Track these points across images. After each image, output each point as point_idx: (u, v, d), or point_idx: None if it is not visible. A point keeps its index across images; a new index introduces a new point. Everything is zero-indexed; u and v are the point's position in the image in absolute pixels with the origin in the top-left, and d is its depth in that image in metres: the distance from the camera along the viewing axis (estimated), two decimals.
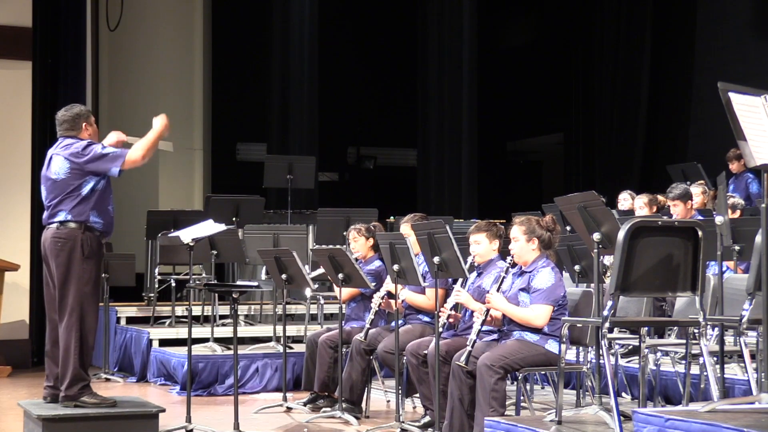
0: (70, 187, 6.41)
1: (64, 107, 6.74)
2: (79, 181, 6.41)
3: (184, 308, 10.73)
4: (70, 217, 6.41)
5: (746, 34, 13.77)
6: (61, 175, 6.44)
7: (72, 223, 6.40)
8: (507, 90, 18.01)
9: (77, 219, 6.40)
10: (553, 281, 6.11)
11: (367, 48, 17.98)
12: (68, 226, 6.41)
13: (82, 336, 6.36)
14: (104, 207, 6.51)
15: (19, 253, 10.94)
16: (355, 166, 18.66)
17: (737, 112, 4.36)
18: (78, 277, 6.37)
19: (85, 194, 6.41)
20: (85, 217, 6.41)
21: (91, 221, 6.43)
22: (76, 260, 6.38)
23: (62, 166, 6.45)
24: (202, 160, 15.60)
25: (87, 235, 6.41)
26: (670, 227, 5.22)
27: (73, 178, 6.42)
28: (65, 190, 6.42)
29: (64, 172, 6.44)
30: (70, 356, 6.34)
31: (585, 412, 5.65)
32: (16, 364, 10.80)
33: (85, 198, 6.41)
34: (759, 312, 4.61)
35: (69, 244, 6.38)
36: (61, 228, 6.42)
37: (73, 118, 6.60)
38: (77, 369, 6.35)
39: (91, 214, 6.43)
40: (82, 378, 6.40)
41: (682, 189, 8.93)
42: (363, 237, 8.18)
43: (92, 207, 6.43)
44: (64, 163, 6.45)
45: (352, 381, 7.62)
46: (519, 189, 18.74)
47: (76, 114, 6.62)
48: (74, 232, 6.39)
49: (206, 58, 15.80)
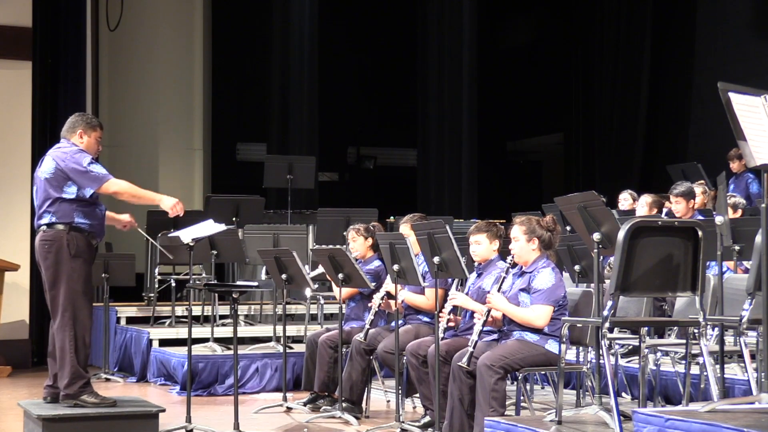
0: (54, 189, 6.44)
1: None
2: (62, 183, 6.43)
3: (184, 308, 10.74)
4: (55, 219, 6.44)
5: (746, 34, 13.77)
6: (46, 174, 6.49)
7: (58, 225, 6.43)
8: (507, 90, 18.00)
9: (62, 220, 6.43)
10: (554, 281, 6.11)
11: (367, 48, 17.98)
12: (54, 228, 6.44)
13: (76, 334, 6.39)
14: (91, 209, 6.52)
15: (19, 253, 10.94)
16: (355, 166, 18.66)
17: (737, 112, 4.36)
18: (67, 276, 6.40)
19: (69, 198, 6.43)
20: (70, 218, 6.43)
21: (77, 222, 6.45)
22: (63, 260, 6.40)
23: (50, 167, 6.50)
24: (202, 160, 15.61)
25: (73, 234, 6.43)
26: (670, 227, 5.22)
27: (56, 180, 6.44)
28: (50, 191, 6.45)
29: (49, 172, 6.48)
30: (66, 355, 6.37)
31: (585, 412, 5.65)
32: (16, 364, 10.80)
33: (69, 201, 6.44)
34: (759, 312, 4.61)
35: (55, 245, 6.41)
36: (48, 230, 6.46)
37: (72, 123, 6.65)
38: (75, 367, 6.37)
39: (76, 216, 6.45)
40: (81, 375, 6.41)
41: (686, 187, 9.00)
42: (362, 237, 8.18)
43: (77, 209, 6.45)
44: (51, 164, 6.50)
45: (352, 381, 7.62)
46: (519, 189, 18.73)
47: (76, 120, 6.66)
48: (60, 233, 6.42)
49: (206, 58, 15.80)
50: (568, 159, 17.58)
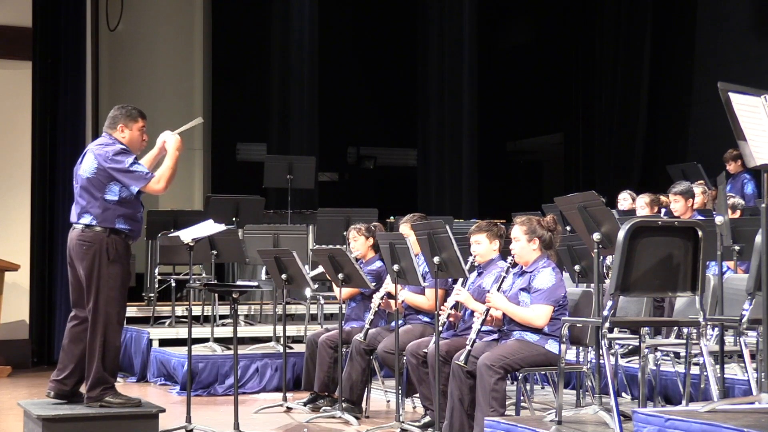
0: (97, 189, 6.28)
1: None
2: (105, 183, 6.28)
3: (184, 308, 10.73)
4: (96, 222, 6.29)
5: (746, 35, 13.78)
6: (88, 173, 6.32)
7: (98, 227, 6.29)
8: (507, 90, 18.01)
9: (103, 224, 6.29)
10: (554, 281, 6.11)
11: (367, 48, 17.98)
12: (94, 230, 6.29)
13: (106, 340, 6.31)
14: (133, 214, 6.38)
15: (19, 253, 10.94)
16: (355, 166, 18.66)
17: (737, 112, 4.36)
18: (104, 281, 6.28)
19: (112, 201, 6.28)
20: (111, 223, 6.30)
21: (117, 226, 6.32)
22: (102, 264, 6.27)
23: (91, 165, 6.32)
24: (202, 160, 15.60)
25: (113, 238, 6.29)
26: (670, 227, 5.22)
27: (97, 179, 6.29)
28: (93, 191, 6.29)
29: (91, 171, 6.31)
30: (94, 359, 6.30)
31: (585, 412, 5.65)
32: (16, 364, 10.79)
33: (112, 203, 6.29)
34: (759, 312, 4.61)
35: (94, 248, 6.27)
36: (87, 231, 6.30)
37: (113, 117, 6.46)
38: (100, 372, 6.31)
39: (118, 221, 6.31)
40: (105, 381, 6.34)
41: (685, 186, 9.05)
42: (363, 236, 8.18)
43: (119, 213, 6.31)
44: (93, 162, 6.32)
45: (352, 381, 7.62)
46: (519, 189, 18.73)
47: (116, 114, 6.47)
48: (99, 236, 6.28)
49: (206, 59, 15.79)
50: (568, 159, 17.58)
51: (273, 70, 16.16)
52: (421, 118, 16.94)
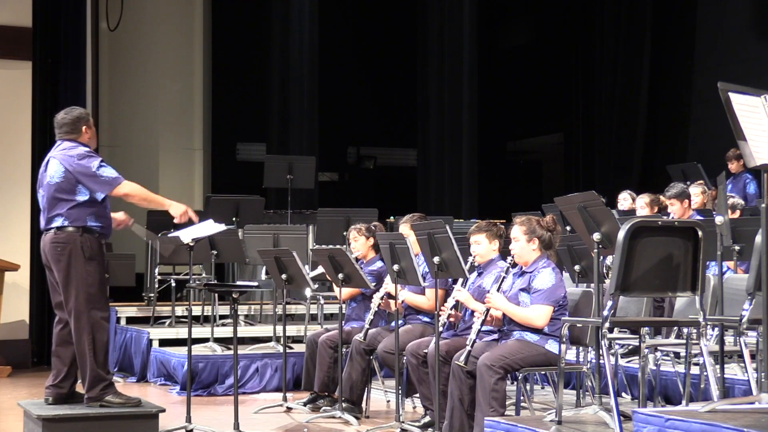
0: (65, 192, 6.34)
1: (63, 109, 6.67)
2: (74, 187, 6.34)
3: (184, 308, 10.74)
4: (67, 222, 6.34)
5: (746, 34, 13.77)
6: (55, 178, 6.37)
7: (70, 227, 6.33)
8: (507, 90, 18.01)
9: (75, 224, 6.33)
10: (554, 282, 6.11)
11: (367, 48, 17.98)
12: (66, 231, 6.34)
13: (95, 338, 6.32)
14: (102, 209, 6.44)
15: (19, 253, 10.95)
16: (355, 166, 18.66)
17: (737, 112, 4.36)
18: (82, 279, 6.31)
19: (81, 201, 6.34)
20: (83, 222, 6.34)
21: (89, 224, 6.37)
22: (78, 263, 6.31)
23: (57, 170, 6.38)
24: (202, 160, 15.61)
25: (86, 237, 6.34)
26: (670, 227, 5.22)
27: (66, 183, 6.34)
28: (61, 194, 6.34)
29: (59, 176, 6.36)
30: (86, 359, 6.31)
31: (585, 412, 5.65)
32: (16, 364, 10.80)
33: (81, 204, 6.34)
34: (759, 312, 4.61)
35: (69, 248, 6.32)
36: (59, 233, 6.35)
37: (73, 122, 6.52)
38: (95, 370, 6.32)
39: (89, 219, 6.36)
40: (102, 378, 6.36)
41: (679, 188, 9.03)
42: (363, 236, 8.18)
43: (90, 212, 6.37)
44: (59, 167, 6.38)
45: (352, 381, 7.62)
46: (519, 189, 18.73)
47: (76, 117, 6.54)
48: (73, 236, 6.32)
49: (206, 59, 15.80)
50: (568, 159, 17.57)
51: (273, 70, 16.16)
52: (421, 118, 16.93)
